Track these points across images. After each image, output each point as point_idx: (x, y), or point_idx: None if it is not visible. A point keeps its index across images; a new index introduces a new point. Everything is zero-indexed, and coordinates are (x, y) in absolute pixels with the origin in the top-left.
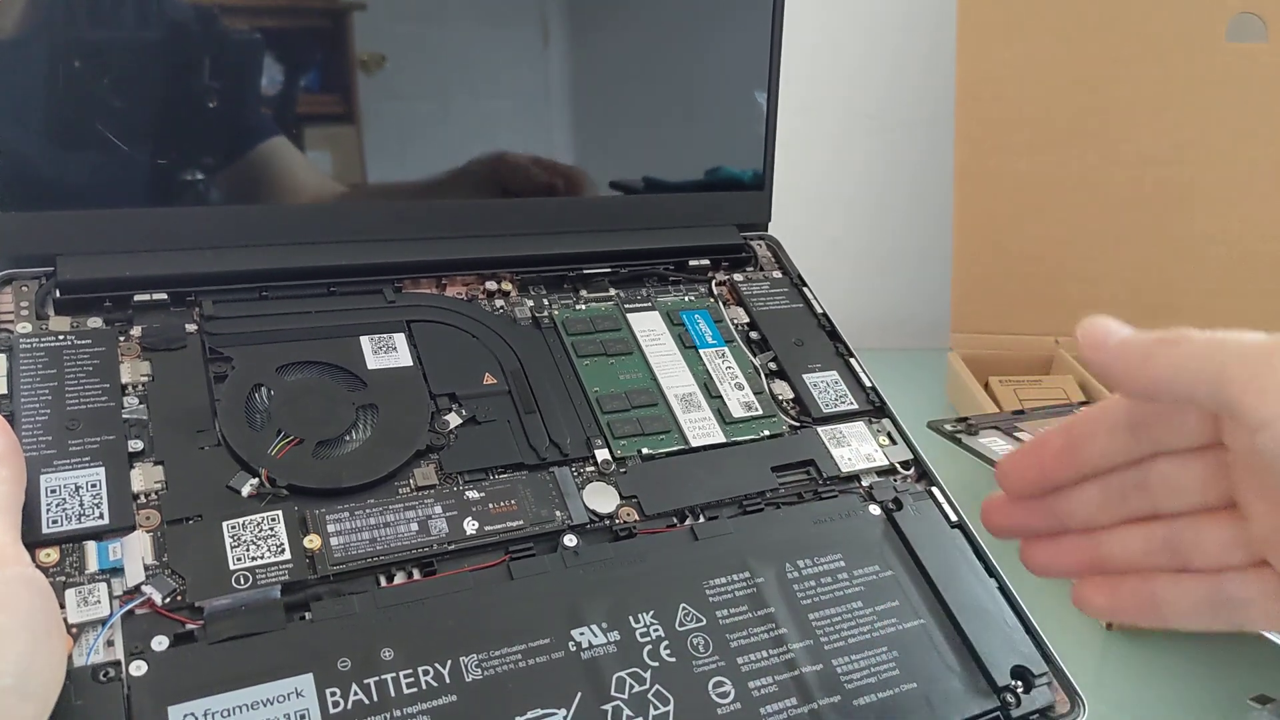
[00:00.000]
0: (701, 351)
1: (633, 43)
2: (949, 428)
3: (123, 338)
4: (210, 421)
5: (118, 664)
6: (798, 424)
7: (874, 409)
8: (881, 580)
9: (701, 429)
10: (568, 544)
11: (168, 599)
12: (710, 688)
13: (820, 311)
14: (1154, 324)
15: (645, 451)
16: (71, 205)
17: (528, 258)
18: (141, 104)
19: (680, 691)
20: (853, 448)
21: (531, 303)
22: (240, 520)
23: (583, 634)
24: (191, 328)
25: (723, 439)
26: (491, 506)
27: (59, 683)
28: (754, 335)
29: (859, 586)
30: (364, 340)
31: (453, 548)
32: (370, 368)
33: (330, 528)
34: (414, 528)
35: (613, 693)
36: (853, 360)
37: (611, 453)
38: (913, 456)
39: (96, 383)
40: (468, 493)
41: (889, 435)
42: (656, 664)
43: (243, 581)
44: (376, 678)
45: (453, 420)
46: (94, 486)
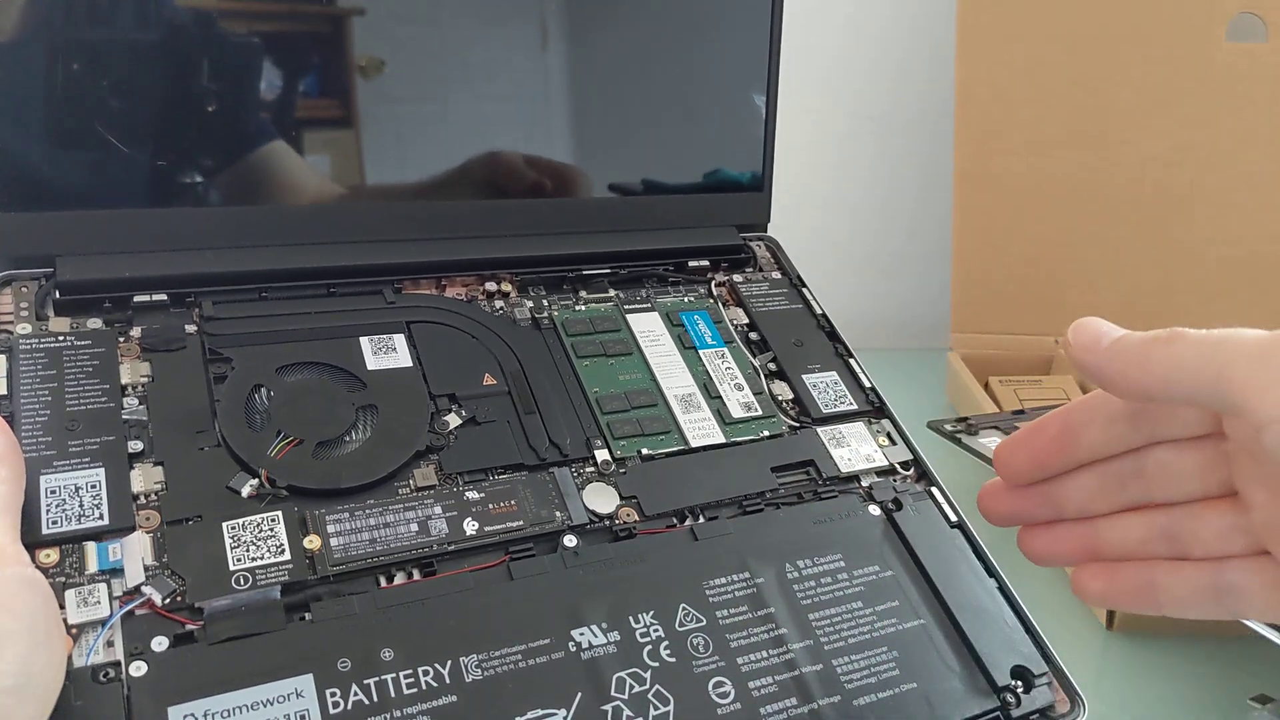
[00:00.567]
0: (701, 352)
1: (631, 45)
2: (949, 428)
3: (122, 338)
4: (210, 422)
5: (118, 664)
6: (797, 424)
7: (873, 409)
8: (881, 580)
9: (701, 429)
10: (568, 544)
11: (168, 599)
12: (710, 688)
13: (819, 312)
14: (1153, 324)
15: (645, 452)
16: (71, 206)
17: (527, 259)
18: (141, 106)
19: (680, 692)
20: (852, 448)
21: (531, 303)
22: (240, 521)
23: (583, 634)
24: (191, 328)
25: (722, 439)
26: (491, 507)
27: (59, 683)
28: (753, 336)
29: (859, 587)
30: (364, 341)
31: (453, 548)
32: (370, 368)
33: (330, 528)
34: (414, 528)
35: (613, 693)
36: (852, 361)
37: (611, 453)
38: (912, 457)
39: (96, 383)
40: (467, 493)
41: (888, 436)
42: (656, 664)
43: (243, 582)
44: (376, 678)
45: (452, 421)
46: (94, 487)
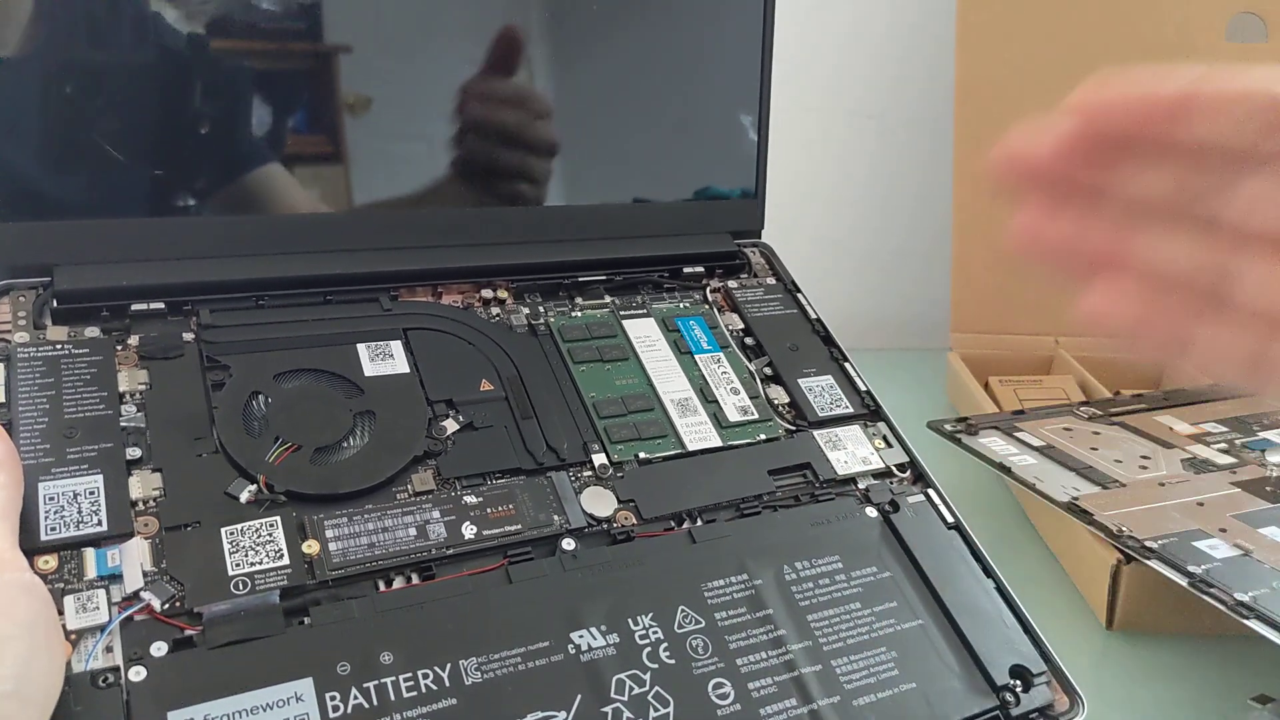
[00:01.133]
0: (697, 357)
1: (617, 71)
2: (949, 428)
3: (120, 347)
4: (208, 429)
5: (117, 670)
6: (793, 428)
7: (869, 412)
8: (879, 581)
9: (698, 433)
10: (566, 548)
11: (166, 605)
12: (710, 689)
13: (814, 317)
14: None
15: (642, 456)
16: (68, 215)
17: (523, 266)
18: (137, 122)
19: (680, 693)
20: (848, 451)
21: (527, 310)
22: (239, 526)
23: (582, 636)
24: (189, 336)
25: (719, 443)
26: (489, 511)
27: (58, 689)
28: (749, 341)
29: (857, 588)
30: (361, 348)
31: (451, 552)
32: (367, 375)
33: (329, 533)
34: (412, 532)
35: (612, 694)
36: (847, 365)
37: (608, 457)
38: (908, 459)
39: (94, 391)
40: (466, 497)
41: (884, 438)
42: (656, 666)
43: (241, 587)
44: (376, 681)
45: (450, 426)
46: (92, 494)
